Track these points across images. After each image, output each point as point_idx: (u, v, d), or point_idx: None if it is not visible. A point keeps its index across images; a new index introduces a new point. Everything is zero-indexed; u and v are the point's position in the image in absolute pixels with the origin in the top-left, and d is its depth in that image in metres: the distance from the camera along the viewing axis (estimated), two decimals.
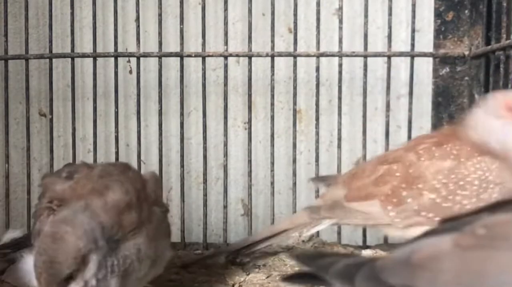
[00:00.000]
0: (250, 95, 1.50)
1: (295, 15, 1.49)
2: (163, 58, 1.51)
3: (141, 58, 1.51)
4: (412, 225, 1.19)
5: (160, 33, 1.49)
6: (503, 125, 1.15)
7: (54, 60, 1.53)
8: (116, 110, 1.52)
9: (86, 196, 0.96)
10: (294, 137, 1.50)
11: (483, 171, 1.15)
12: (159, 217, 1.05)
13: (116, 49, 1.51)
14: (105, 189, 0.97)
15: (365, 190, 1.22)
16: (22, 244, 1.17)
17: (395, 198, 1.19)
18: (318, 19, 1.48)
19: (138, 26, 1.51)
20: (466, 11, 1.51)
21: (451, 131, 1.24)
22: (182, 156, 1.51)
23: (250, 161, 1.50)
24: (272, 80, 1.48)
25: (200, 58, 1.49)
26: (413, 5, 1.49)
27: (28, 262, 1.03)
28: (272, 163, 1.49)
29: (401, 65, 1.60)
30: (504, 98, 1.16)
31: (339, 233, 1.50)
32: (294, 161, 1.50)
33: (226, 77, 1.49)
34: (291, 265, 1.30)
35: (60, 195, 0.99)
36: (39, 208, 1.03)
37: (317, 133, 1.50)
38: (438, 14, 1.53)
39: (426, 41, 1.57)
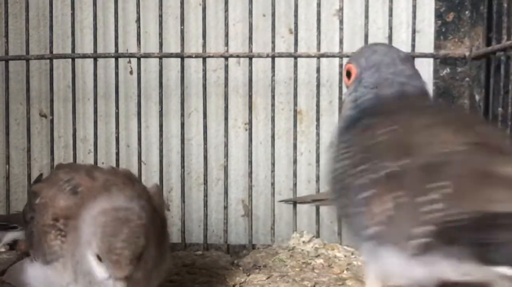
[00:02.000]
0: (250, 96, 1.50)
1: (296, 16, 1.49)
2: (163, 59, 1.51)
3: (142, 59, 1.51)
4: None
5: (160, 34, 1.49)
6: None
7: (54, 60, 1.53)
8: (117, 111, 1.52)
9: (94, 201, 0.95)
10: (295, 138, 1.50)
11: None
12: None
13: (116, 50, 1.51)
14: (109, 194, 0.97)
15: None
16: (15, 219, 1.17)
17: None
18: (318, 20, 1.48)
19: (138, 27, 1.51)
20: (467, 12, 1.51)
21: None
22: (182, 157, 1.51)
23: (250, 162, 1.50)
24: (273, 81, 1.48)
25: (201, 59, 1.49)
26: (414, 6, 1.49)
27: (29, 270, 1.03)
28: (273, 164, 1.49)
29: None
30: None
31: (339, 234, 1.50)
32: (295, 162, 1.50)
33: (226, 78, 1.49)
34: (291, 266, 1.30)
35: (65, 213, 0.98)
36: (42, 225, 1.00)
37: (318, 134, 1.49)
38: (438, 15, 1.53)
39: (426, 42, 1.57)
